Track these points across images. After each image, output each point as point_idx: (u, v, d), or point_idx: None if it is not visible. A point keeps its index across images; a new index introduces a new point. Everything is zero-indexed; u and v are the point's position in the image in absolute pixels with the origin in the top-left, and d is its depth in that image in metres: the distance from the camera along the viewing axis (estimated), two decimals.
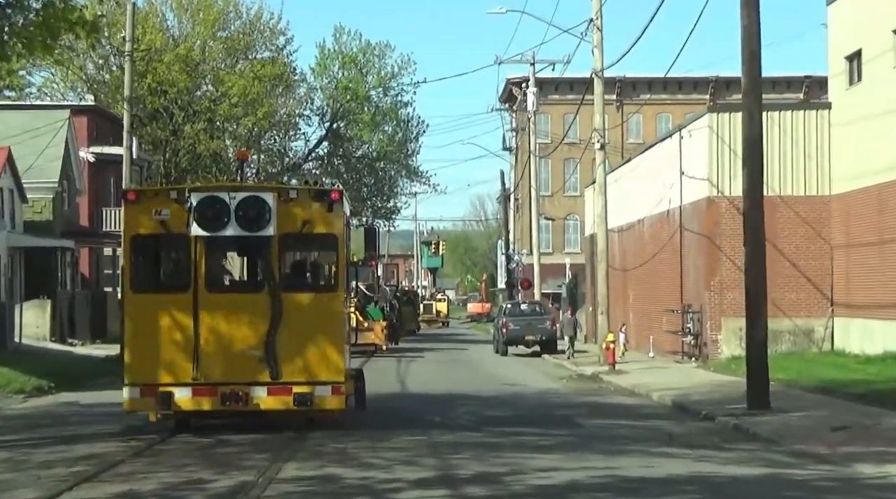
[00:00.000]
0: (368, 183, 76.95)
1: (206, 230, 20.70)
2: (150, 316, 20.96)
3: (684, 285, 49.37)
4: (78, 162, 57.89)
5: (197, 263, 20.98)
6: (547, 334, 56.63)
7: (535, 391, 34.59)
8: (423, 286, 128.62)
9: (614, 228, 63.73)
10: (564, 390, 35.68)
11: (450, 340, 76.60)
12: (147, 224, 21.01)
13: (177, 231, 20.86)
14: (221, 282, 22.49)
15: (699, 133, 46.84)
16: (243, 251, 22.70)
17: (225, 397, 20.84)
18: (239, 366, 20.84)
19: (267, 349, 20.87)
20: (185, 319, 20.85)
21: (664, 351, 51.17)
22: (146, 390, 20.94)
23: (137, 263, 21.65)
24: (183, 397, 20.85)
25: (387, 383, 36.67)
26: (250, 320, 20.96)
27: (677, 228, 50.34)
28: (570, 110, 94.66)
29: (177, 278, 21.63)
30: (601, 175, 48.80)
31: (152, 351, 20.95)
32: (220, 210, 20.57)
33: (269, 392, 20.91)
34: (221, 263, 23.23)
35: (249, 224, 20.65)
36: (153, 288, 21.54)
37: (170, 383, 20.86)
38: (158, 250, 22.12)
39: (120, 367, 42.63)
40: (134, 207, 21.13)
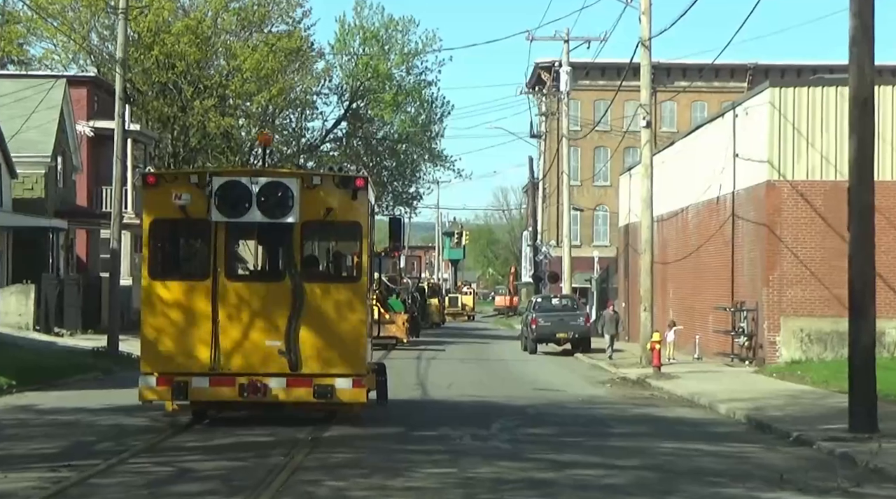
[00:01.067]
0: (389, 166, 71.48)
1: (227, 216, 19.86)
2: (167, 303, 20.12)
3: (736, 280, 43.80)
4: (75, 136, 52.58)
5: (217, 249, 20.14)
6: (580, 332, 51.14)
7: (576, 399, 29.14)
8: (443, 279, 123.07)
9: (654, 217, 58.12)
10: (610, 398, 30.20)
11: (473, 336, 71.20)
12: (166, 209, 20.04)
13: (197, 216, 20.00)
14: (242, 269, 21.74)
15: (758, 110, 41.24)
16: (264, 238, 21.64)
17: (243, 387, 19.92)
18: (258, 356, 20.02)
19: (287, 340, 19.97)
20: (204, 308, 19.98)
21: (711, 352, 45.62)
22: (162, 378, 19.98)
23: (156, 249, 20.73)
24: (200, 386, 19.99)
25: (406, 385, 31.34)
26: (271, 310, 20.08)
27: (728, 216, 44.75)
28: (602, 97, 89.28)
29: (196, 265, 20.91)
30: (647, 155, 43.26)
31: (169, 339, 20.12)
32: (241, 195, 19.77)
33: (288, 384, 20.01)
34: (238, 251, 22.37)
35: (272, 210, 19.84)
36: (172, 275, 20.61)
37: (187, 372, 19.96)
38: (178, 236, 21.32)
39: (104, 361, 37.85)
40: (153, 190, 20.21)
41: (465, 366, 42.55)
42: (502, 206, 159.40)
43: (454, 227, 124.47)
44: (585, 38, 63.77)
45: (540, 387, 33.01)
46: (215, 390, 20.07)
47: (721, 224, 45.66)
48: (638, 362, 42.24)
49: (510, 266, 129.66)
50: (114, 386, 30.68)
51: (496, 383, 34.17)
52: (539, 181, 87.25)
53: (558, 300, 53.94)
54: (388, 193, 71.06)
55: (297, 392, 20.06)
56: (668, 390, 32.40)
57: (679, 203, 52.35)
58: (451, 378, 35.57)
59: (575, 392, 31.43)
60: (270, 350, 20.00)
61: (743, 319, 42.13)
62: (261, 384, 19.91)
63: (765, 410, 25.61)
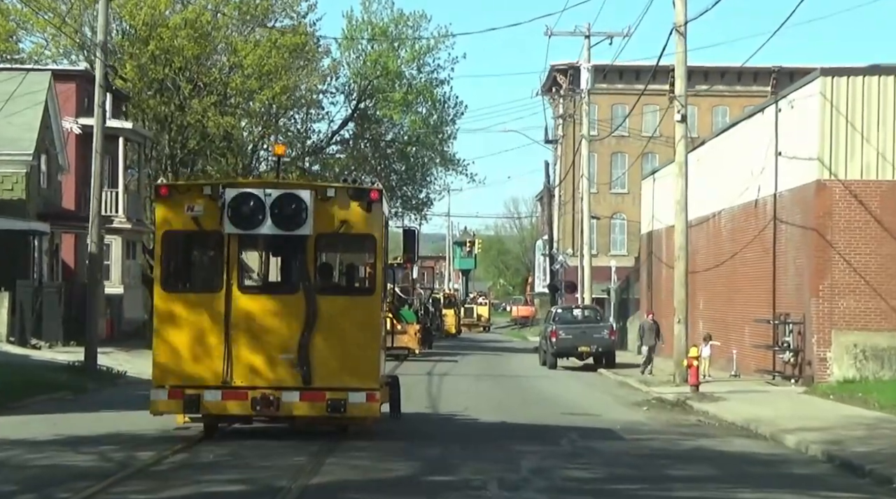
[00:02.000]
0: (399, 170, 66.94)
1: (240, 228, 19.49)
2: (180, 315, 19.71)
3: (779, 290, 39.31)
4: (61, 134, 48.18)
5: (230, 261, 19.73)
6: (604, 345, 46.67)
7: (613, 427, 24.59)
8: (454, 289, 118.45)
9: (669, 225, 53.68)
10: (653, 426, 25.69)
11: (486, 348, 66.80)
12: (179, 220, 19.75)
13: (209, 228, 19.64)
14: (254, 282, 21.24)
15: (807, 103, 36.76)
16: (278, 251, 20.98)
17: (256, 401, 19.38)
18: (271, 370, 19.54)
19: (300, 353, 19.50)
20: (217, 320, 19.56)
21: (749, 369, 41.13)
22: (174, 391, 19.47)
23: (168, 261, 20.37)
24: (212, 400, 19.43)
25: (416, 406, 26.93)
26: (283, 323, 19.66)
27: (769, 220, 40.29)
28: (620, 101, 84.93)
29: (208, 277, 20.36)
30: (681, 152, 38.76)
31: (181, 352, 19.62)
32: (254, 207, 19.39)
33: (301, 397, 19.49)
34: (251, 263, 21.85)
35: (285, 223, 19.46)
36: (184, 287, 20.31)
37: (199, 385, 19.45)
38: (190, 248, 20.83)
39: (79, 378, 33.48)
40: (166, 202, 19.92)
41: (482, 384, 38.09)
42: (512, 215, 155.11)
43: (465, 236, 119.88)
44: (608, 34, 59.16)
45: (568, 410, 28.54)
46: (227, 404, 19.48)
47: (761, 229, 41.19)
48: (671, 380, 37.81)
49: (527, 275, 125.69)
50: (81, 409, 26.43)
51: (517, 405, 29.73)
52: (555, 187, 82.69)
53: (580, 311, 49.49)
54: (398, 198, 66.66)
55: (310, 406, 19.48)
56: (715, 414, 27.91)
57: (710, 208, 47.89)
58: (467, 399, 31.17)
59: (610, 417, 26.91)
60: (283, 363, 19.49)
61: (788, 333, 37.63)
62: (273, 398, 19.32)
63: (844, 444, 21.15)
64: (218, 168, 60.90)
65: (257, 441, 19.95)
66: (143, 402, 28.25)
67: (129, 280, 52.53)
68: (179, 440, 19.75)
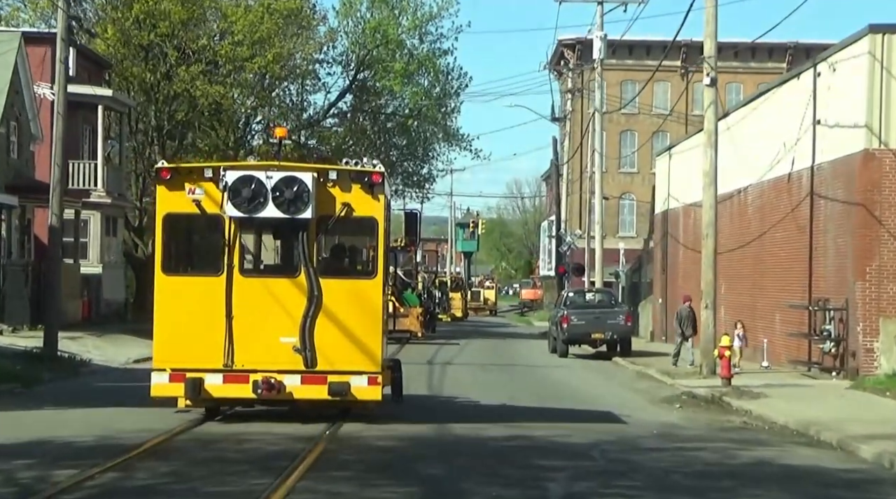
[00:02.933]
0: (399, 145, 62.53)
1: (241, 211, 19.20)
2: (181, 299, 19.31)
3: (816, 273, 35.14)
4: (34, 101, 43.92)
5: (231, 244, 19.45)
6: (620, 332, 42.47)
7: (648, 432, 20.43)
8: (456, 272, 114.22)
9: (698, 201, 49.53)
10: (693, 428, 21.55)
11: (491, 333, 62.64)
12: (180, 203, 19.40)
13: (210, 211, 19.35)
14: (256, 265, 20.57)
15: (852, 64, 32.56)
16: (279, 234, 20.74)
17: (257, 385, 19.05)
18: (272, 353, 19.20)
19: (302, 336, 19.23)
20: (218, 304, 19.23)
21: (780, 359, 36.99)
22: (175, 375, 19.09)
23: (169, 244, 20.03)
24: (214, 383, 19.15)
25: (417, 405, 22.87)
26: (285, 306, 19.30)
27: (805, 195, 36.10)
28: (630, 77, 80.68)
29: (210, 260, 19.98)
30: (711, 120, 34.58)
31: (183, 335, 19.24)
32: (256, 190, 19.13)
33: (303, 381, 19.22)
34: (252, 246, 20.75)
35: (287, 206, 19.19)
36: (185, 270, 20.01)
37: (200, 368, 19.11)
38: (191, 231, 20.61)
39: (36, 367, 29.28)
40: (167, 184, 19.52)
41: (489, 375, 33.93)
42: (516, 199, 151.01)
43: (468, 217, 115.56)
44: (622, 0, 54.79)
45: (592, 409, 24.33)
46: (229, 387, 19.23)
47: (795, 206, 36.98)
48: (696, 371, 33.68)
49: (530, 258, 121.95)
50: (24, 404, 22.50)
51: (533, 402, 25.54)
52: (563, 165, 78.37)
53: (593, 295, 45.24)
54: (398, 174, 62.36)
55: (312, 390, 19.24)
56: (760, 414, 23.77)
57: (734, 184, 43.64)
58: (473, 394, 27.03)
59: (641, 418, 22.76)
60: (285, 347, 19.23)
61: (828, 321, 33.45)
62: (275, 382, 19.08)
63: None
64: (208, 141, 56.70)
65: (215, 453, 15.85)
66: (100, 395, 24.30)
67: (108, 259, 48.33)
68: (117, 452, 15.61)
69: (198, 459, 15.27)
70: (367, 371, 19.18)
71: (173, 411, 19.92)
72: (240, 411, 20.64)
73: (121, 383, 28.14)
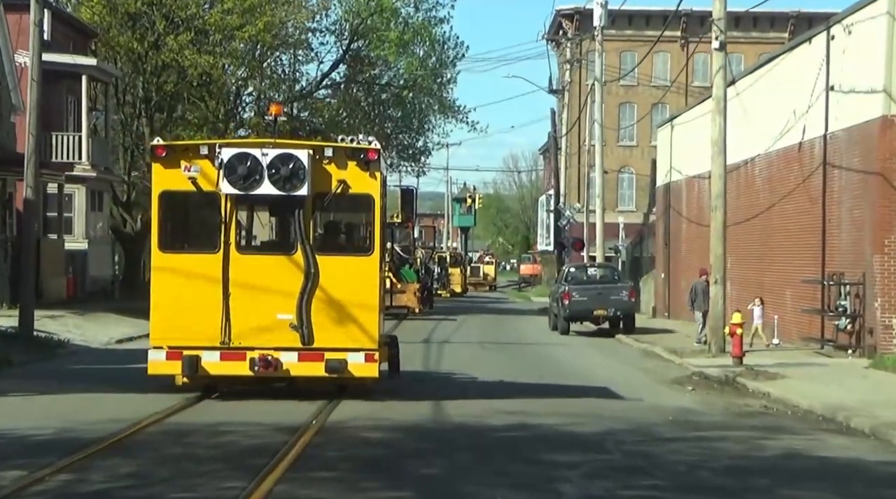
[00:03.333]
0: (394, 117, 60.54)
1: (237, 188, 19.07)
2: (177, 276, 19.16)
3: (829, 246, 33.41)
4: (14, 70, 42.04)
5: (227, 222, 19.25)
6: (623, 308, 40.72)
7: (663, 418, 18.72)
8: (453, 247, 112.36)
9: (702, 173, 47.77)
10: (710, 413, 19.83)
11: (489, 309, 60.90)
12: (176, 180, 19.17)
13: (206, 188, 19.14)
14: (252, 243, 20.49)
15: (870, 26, 30.73)
16: (276, 211, 20.43)
17: (254, 362, 18.92)
18: (269, 330, 19.04)
19: (299, 313, 19.08)
20: (215, 281, 19.10)
21: (790, 336, 35.29)
22: (172, 353, 18.99)
23: (165, 221, 19.70)
24: (210, 360, 19.02)
25: (411, 388, 21.15)
26: (282, 283, 19.15)
27: (818, 165, 34.34)
28: (629, 48, 78.80)
29: (206, 238, 19.76)
30: (720, 86, 32.78)
31: (179, 313, 19.05)
32: (252, 167, 18.98)
33: (300, 358, 19.08)
34: (249, 223, 20.46)
35: (283, 183, 19.04)
36: (181, 247, 19.69)
37: (197, 346, 19.00)
38: (187, 208, 20.18)
39: (10, 348, 27.28)
40: (162, 162, 19.32)
41: (488, 354, 32.19)
42: (512, 173, 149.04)
43: (464, 192, 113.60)
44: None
45: (600, 392, 22.60)
46: (226, 364, 19.16)
47: (806, 176, 35.21)
48: (705, 350, 31.99)
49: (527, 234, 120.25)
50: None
51: (536, 383, 23.81)
52: (562, 138, 76.43)
53: (595, 271, 43.43)
54: (393, 146, 60.39)
55: (309, 367, 19.17)
56: (780, 397, 22.06)
57: (740, 155, 41.84)
58: (472, 373, 25.33)
59: (653, 402, 21.04)
60: (282, 324, 19.14)
61: (844, 297, 31.70)
62: (272, 359, 19.02)
63: None
64: (198, 114, 54.77)
65: (186, 448, 14.10)
66: (73, 379, 22.47)
67: (94, 234, 46.49)
68: (76, 447, 13.85)
69: (165, 456, 13.51)
70: (364, 348, 19.07)
71: (148, 395, 19.24)
72: (227, 392, 19.91)
73: (98, 364, 26.43)
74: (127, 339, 33.55)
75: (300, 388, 19.52)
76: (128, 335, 34.16)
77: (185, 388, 19.59)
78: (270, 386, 19.91)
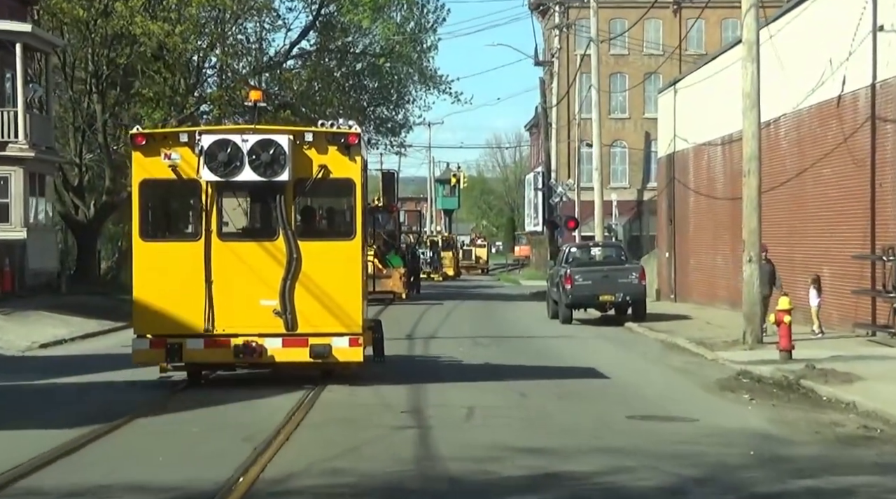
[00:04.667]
0: (370, 88, 54.68)
1: (217, 175, 18.73)
2: (159, 265, 18.92)
3: (880, 215, 27.81)
4: None
5: (208, 209, 18.99)
6: (633, 293, 35.08)
7: (733, 449, 13.21)
8: (436, 231, 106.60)
9: (713, 140, 42.19)
10: (795, 441, 14.18)
11: (478, 295, 55.28)
12: (156, 169, 18.91)
13: (186, 176, 18.88)
14: (234, 229, 19.70)
15: None
16: (257, 197, 20.02)
17: (238, 349, 18.66)
18: (253, 317, 18.77)
19: (282, 299, 18.78)
20: (197, 268, 18.80)
21: (831, 321, 29.70)
22: (156, 341, 18.76)
23: (146, 210, 19.34)
24: (194, 348, 18.75)
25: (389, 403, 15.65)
26: (264, 269, 18.94)
27: (863, 120, 28.70)
28: (619, 15, 73.16)
29: (187, 225, 19.87)
30: (751, 27, 27.11)
31: (162, 301, 18.85)
32: (232, 154, 18.70)
33: (284, 344, 18.78)
34: (230, 210, 19.68)
35: (263, 169, 18.74)
36: (163, 236, 19.50)
37: (180, 334, 18.75)
38: (168, 196, 20.02)
39: None
40: (143, 150, 18.96)
41: (483, 351, 26.47)
42: (495, 154, 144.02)
43: (447, 173, 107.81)
44: None
45: (632, 406, 16.95)
46: (210, 352, 18.82)
47: (849, 134, 29.55)
48: (739, 340, 26.44)
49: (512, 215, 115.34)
50: None
51: (550, 395, 18.17)
52: (552, 108, 70.63)
53: (599, 251, 37.63)
54: (370, 120, 54.61)
55: (294, 352, 18.77)
56: (871, 409, 16.58)
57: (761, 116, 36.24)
58: (466, 382, 19.74)
59: (713, 423, 15.43)
60: (265, 310, 18.74)
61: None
62: (256, 345, 18.63)
63: None
64: (156, 88, 48.89)
65: None
66: None
67: (34, 222, 40.60)
68: None
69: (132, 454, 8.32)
70: (349, 332, 18.80)
71: None
72: None
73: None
74: (55, 342, 27.94)
75: (284, 373, 19.15)
76: (58, 338, 28.51)
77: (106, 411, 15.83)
78: (254, 372, 19.72)
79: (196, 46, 46.41)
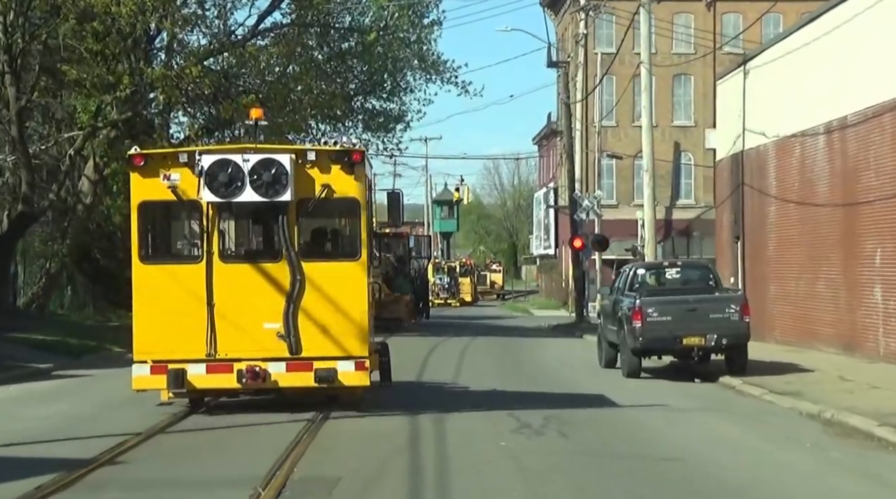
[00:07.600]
0: (359, 73, 42.81)
1: (218, 196, 17.55)
2: (160, 288, 17.75)
3: None
4: None
5: (209, 230, 17.88)
6: (733, 334, 23.26)
7: None
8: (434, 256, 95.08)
9: (813, 128, 30.59)
10: None
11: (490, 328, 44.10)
12: (155, 190, 17.73)
13: (187, 197, 17.70)
14: (236, 251, 18.95)
15: None
16: (259, 218, 18.72)
17: (241, 374, 17.51)
18: (256, 341, 17.66)
19: (286, 322, 17.63)
20: (198, 292, 17.67)
21: None
22: (157, 367, 17.60)
23: (146, 232, 18.28)
24: (197, 374, 17.64)
25: None
26: (268, 292, 17.65)
27: None
28: None
29: (188, 248, 18.71)
30: None
31: (163, 326, 17.73)
32: (233, 174, 17.49)
33: (288, 368, 17.71)
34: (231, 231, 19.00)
35: (265, 189, 17.55)
36: (163, 258, 18.26)
37: (182, 359, 17.60)
38: (168, 218, 18.97)
39: None
40: (141, 171, 17.83)
41: (545, 444, 14.65)
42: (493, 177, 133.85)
43: (445, 194, 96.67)
44: None
45: None
46: (213, 377, 17.67)
47: None
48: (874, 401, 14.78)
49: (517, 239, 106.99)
50: None
51: None
52: (578, 103, 58.78)
53: (678, 273, 25.58)
54: (358, 112, 42.80)
55: (298, 377, 17.68)
56: None
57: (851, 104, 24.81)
58: None
59: None
60: (269, 334, 17.64)
61: None
62: (260, 370, 17.52)
63: None
64: (93, 74, 37.17)
65: None
66: None
67: None
68: None
69: None
70: (354, 356, 17.52)
71: None
72: None
73: None
74: None
75: (289, 399, 17.94)
76: None
77: None
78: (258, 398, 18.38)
79: (131, 13, 34.28)
